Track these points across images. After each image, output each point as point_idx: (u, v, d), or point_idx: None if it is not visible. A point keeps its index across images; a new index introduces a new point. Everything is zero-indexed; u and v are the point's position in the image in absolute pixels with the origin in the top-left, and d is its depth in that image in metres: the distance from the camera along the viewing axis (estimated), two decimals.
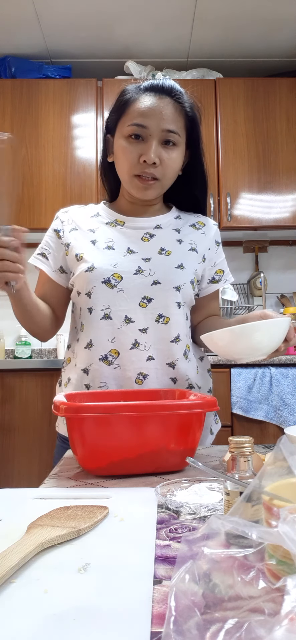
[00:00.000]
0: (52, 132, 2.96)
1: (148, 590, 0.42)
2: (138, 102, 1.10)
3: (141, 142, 1.09)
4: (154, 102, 1.09)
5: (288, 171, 2.97)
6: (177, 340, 1.11)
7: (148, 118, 1.08)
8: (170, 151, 1.10)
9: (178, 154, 1.12)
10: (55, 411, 0.82)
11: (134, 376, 1.09)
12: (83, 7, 2.72)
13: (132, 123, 1.09)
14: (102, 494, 0.70)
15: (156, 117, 1.08)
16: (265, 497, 0.42)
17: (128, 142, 1.10)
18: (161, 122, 1.08)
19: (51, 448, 2.49)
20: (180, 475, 0.80)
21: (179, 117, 1.11)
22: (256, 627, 0.31)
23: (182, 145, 1.13)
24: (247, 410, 2.46)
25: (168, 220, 1.20)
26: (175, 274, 1.11)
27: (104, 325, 1.09)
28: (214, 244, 1.23)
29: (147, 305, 1.09)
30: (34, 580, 0.44)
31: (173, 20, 2.83)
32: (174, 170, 1.13)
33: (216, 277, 1.23)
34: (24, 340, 3.00)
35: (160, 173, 1.10)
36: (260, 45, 3.05)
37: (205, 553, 0.39)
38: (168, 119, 1.09)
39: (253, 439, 0.55)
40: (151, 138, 1.08)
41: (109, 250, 1.12)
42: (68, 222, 1.20)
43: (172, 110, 1.10)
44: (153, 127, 1.08)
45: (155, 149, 1.08)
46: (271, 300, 3.25)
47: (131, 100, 1.11)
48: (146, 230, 1.17)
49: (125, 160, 1.11)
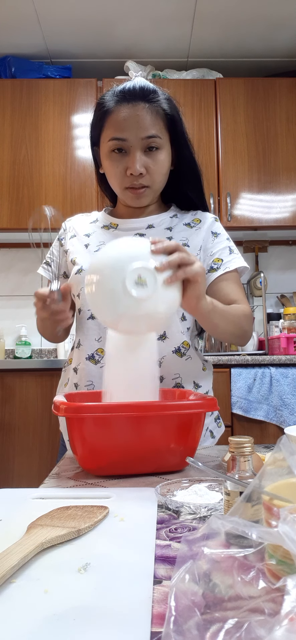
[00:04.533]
0: (52, 132, 2.96)
1: (147, 590, 0.42)
2: (114, 114, 1.08)
3: (125, 155, 1.08)
4: (129, 112, 1.07)
5: (288, 171, 2.97)
6: (163, 338, 1.10)
7: (126, 130, 1.07)
8: (155, 156, 1.09)
9: (163, 156, 1.10)
10: (55, 411, 0.82)
11: None
12: (83, 7, 2.72)
13: (111, 138, 1.08)
14: (102, 494, 0.70)
15: (133, 127, 1.06)
16: (265, 497, 0.42)
17: (112, 158, 1.10)
18: (139, 131, 1.06)
19: (51, 448, 2.49)
20: (180, 475, 0.80)
21: (157, 119, 1.09)
22: (256, 627, 0.31)
23: (166, 145, 1.11)
24: (247, 410, 2.46)
25: (161, 219, 1.19)
26: None
27: (91, 325, 1.12)
28: (210, 235, 1.19)
29: None
30: (34, 580, 0.44)
31: (173, 20, 2.83)
32: (162, 173, 1.12)
33: (215, 266, 1.17)
34: (24, 340, 3.00)
35: (149, 180, 1.10)
36: (260, 45, 3.05)
37: (205, 553, 0.39)
38: (146, 126, 1.06)
39: (253, 439, 0.55)
40: (133, 149, 1.07)
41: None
42: (69, 229, 1.25)
43: (148, 115, 1.07)
44: (132, 138, 1.07)
45: (139, 159, 1.07)
46: (271, 300, 3.25)
47: (107, 112, 1.09)
48: (137, 230, 1.17)
49: (113, 176, 1.12)
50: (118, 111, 1.08)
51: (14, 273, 3.21)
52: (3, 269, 3.21)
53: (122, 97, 1.08)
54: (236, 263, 1.17)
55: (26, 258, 3.20)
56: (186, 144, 1.16)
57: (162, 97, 1.11)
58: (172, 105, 1.13)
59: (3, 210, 2.90)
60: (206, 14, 2.78)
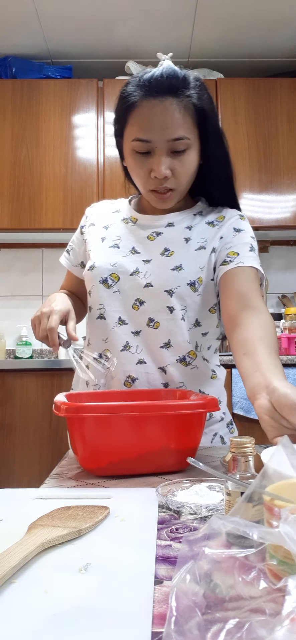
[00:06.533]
0: (53, 132, 2.96)
1: (148, 590, 0.41)
2: (138, 109, 0.99)
3: (149, 156, 1.01)
4: (155, 110, 0.97)
5: (289, 171, 2.97)
6: (168, 346, 1.06)
7: (151, 131, 0.98)
8: (182, 157, 1.01)
9: (191, 157, 1.02)
10: (56, 411, 0.82)
11: (123, 378, 1.07)
12: (84, 7, 2.72)
13: (135, 138, 1.00)
14: (103, 494, 0.70)
15: (159, 128, 0.97)
16: (266, 497, 0.42)
17: (136, 157, 1.02)
18: (166, 132, 0.98)
19: (51, 448, 2.49)
20: (181, 475, 0.80)
21: (186, 117, 0.99)
22: (257, 628, 0.31)
23: (195, 143, 1.03)
24: (248, 410, 2.46)
25: (183, 217, 1.12)
26: (169, 277, 1.04)
27: (100, 325, 1.10)
28: (231, 231, 1.08)
29: (139, 308, 1.07)
30: (35, 580, 0.44)
31: (174, 21, 2.83)
32: (189, 174, 1.04)
33: (228, 259, 1.04)
34: (25, 340, 3.00)
35: (174, 183, 1.03)
36: (261, 45, 3.05)
37: (206, 553, 0.39)
38: (173, 127, 0.97)
39: (254, 439, 0.55)
40: (158, 151, 0.99)
41: (114, 248, 1.11)
42: (90, 217, 1.23)
43: (176, 114, 0.97)
44: (157, 140, 0.98)
45: (164, 161, 0.99)
46: (273, 300, 3.25)
47: (131, 106, 1.00)
48: (155, 228, 1.11)
49: (136, 176, 1.06)
50: (143, 107, 0.98)
51: (14, 273, 3.21)
52: (4, 269, 3.21)
53: (148, 91, 0.98)
54: (251, 262, 1.04)
55: (27, 258, 3.21)
56: (217, 140, 1.07)
57: (193, 89, 0.99)
58: (204, 97, 1.01)
59: (4, 210, 2.90)
60: (207, 14, 2.78)
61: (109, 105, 2.98)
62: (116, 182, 2.90)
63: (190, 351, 1.08)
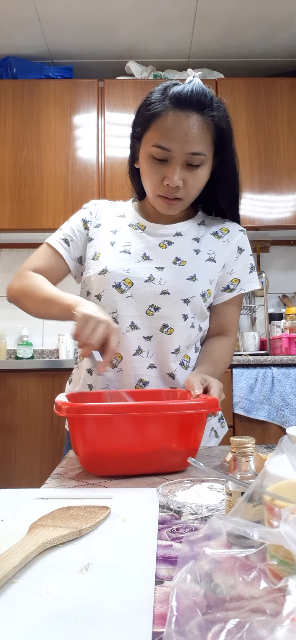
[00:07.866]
0: (54, 132, 2.96)
1: (149, 590, 0.42)
2: (163, 118, 1.03)
3: (165, 164, 1.04)
4: (180, 122, 1.01)
5: (290, 171, 2.97)
6: (177, 352, 1.10)
7: (172, 141, 1.02)
8: (195, 172, 1.05)
9: (203, 172, 1.07)
10: (57, 411, 0.82)
11: (134, 382, 1.09)
12: (84, 7, 2.72)
13: (156, 144, 1.03)
14: (104, 494, 0.70)
15: (181, 139, 1.02)
16: (267, 497, 0.42)
17: (152, 162, 1.06)
18: (186, 145, 1.02)
19: (52, 448, 2.49)
20: (182, 475, 0.80)
21: (206, 135, 1.04)
22: (258, 628, 0.31)
23: (209, 161, 1.08)
24: (249, 410, 2.46)
25: (189, 227, 1.17)
26: (185, 286, 1.09)
27: None
28: (236, 251, 1.17)
29: (153, 314, 1.09)
30: (36, 581, 0.44)
31: (174, 21, 2.83)
32: (199, 188, 1.09)
33: (231, 286, 1.16)
34: (26, 340, 3.00)
35: (184, 194, 1.07)
36: (261, 45, 3.05)
37: (207, 553, 0.39)
38: (194, 141, 1.02)
39: (254, 439, 0.55)
40: (174, 161, 1.03)
41: (125, 254, 1.12)
42: (96, 216, 1.22)
43: (199, 129, 1.02)
44: (176, 150, 1.02)
45: (179, 172, 1.04)
46: (273, 300, 3.25)
47: (156, 114, 1.04)
48: (165, 237, 1.15)
49: (149, 180, 1.09)
50: (169, 117, 1.02)
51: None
52: (5, 269, 3.21)
53: (176, 103, 1.02)
54: (252, 286, 1.18)
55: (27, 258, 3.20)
56: (231, 159, 1.13)
57: (216, 110, 1.05)
58: (225, 120, 1.08)
59: (4, 211, 2.90)
60: (207, 14, 2.78)
61: (109, 106, 2.98)
62: (116, 183, 2.90)
63: (185, 355, 1.13)
